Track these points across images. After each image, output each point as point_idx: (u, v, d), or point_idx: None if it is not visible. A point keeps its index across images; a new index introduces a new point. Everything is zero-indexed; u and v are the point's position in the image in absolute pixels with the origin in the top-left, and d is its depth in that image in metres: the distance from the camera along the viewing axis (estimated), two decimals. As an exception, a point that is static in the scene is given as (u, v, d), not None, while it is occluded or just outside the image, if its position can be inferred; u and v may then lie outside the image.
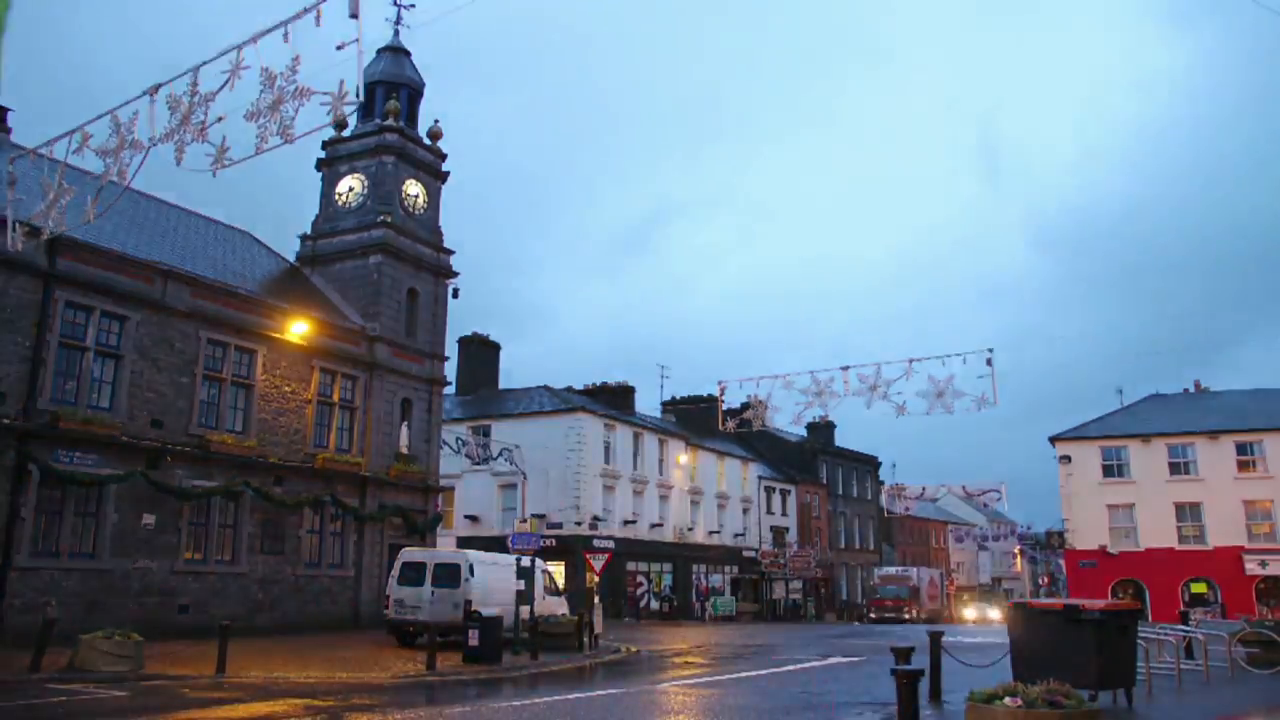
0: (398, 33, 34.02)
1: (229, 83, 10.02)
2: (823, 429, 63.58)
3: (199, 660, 16.51)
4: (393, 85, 33.28)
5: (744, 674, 18.40)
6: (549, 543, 36.35)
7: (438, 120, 33.80)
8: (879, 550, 69.99)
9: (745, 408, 25.41)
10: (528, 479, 38.91)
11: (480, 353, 49.52)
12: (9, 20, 3.19)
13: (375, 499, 28.68)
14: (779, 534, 57.40)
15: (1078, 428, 45.52)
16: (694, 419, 52.89)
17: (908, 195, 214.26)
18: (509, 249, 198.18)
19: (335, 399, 28.04)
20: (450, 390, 39.36)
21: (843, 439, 68.28)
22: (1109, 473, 43.53)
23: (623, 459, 44.90)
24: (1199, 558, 40.99)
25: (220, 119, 10.37)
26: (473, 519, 42.37)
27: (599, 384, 48.93)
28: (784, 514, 58.86)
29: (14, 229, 13.65)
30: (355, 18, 8.97)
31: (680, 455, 49.17)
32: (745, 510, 55.12)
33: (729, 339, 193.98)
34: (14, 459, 19.65)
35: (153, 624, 20.31)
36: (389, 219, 30.85)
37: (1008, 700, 8.76)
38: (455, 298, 33.02)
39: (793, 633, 37.00)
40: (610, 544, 38.51)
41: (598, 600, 26.35)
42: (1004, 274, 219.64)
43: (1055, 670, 10.12)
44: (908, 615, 51.88)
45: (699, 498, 50.51)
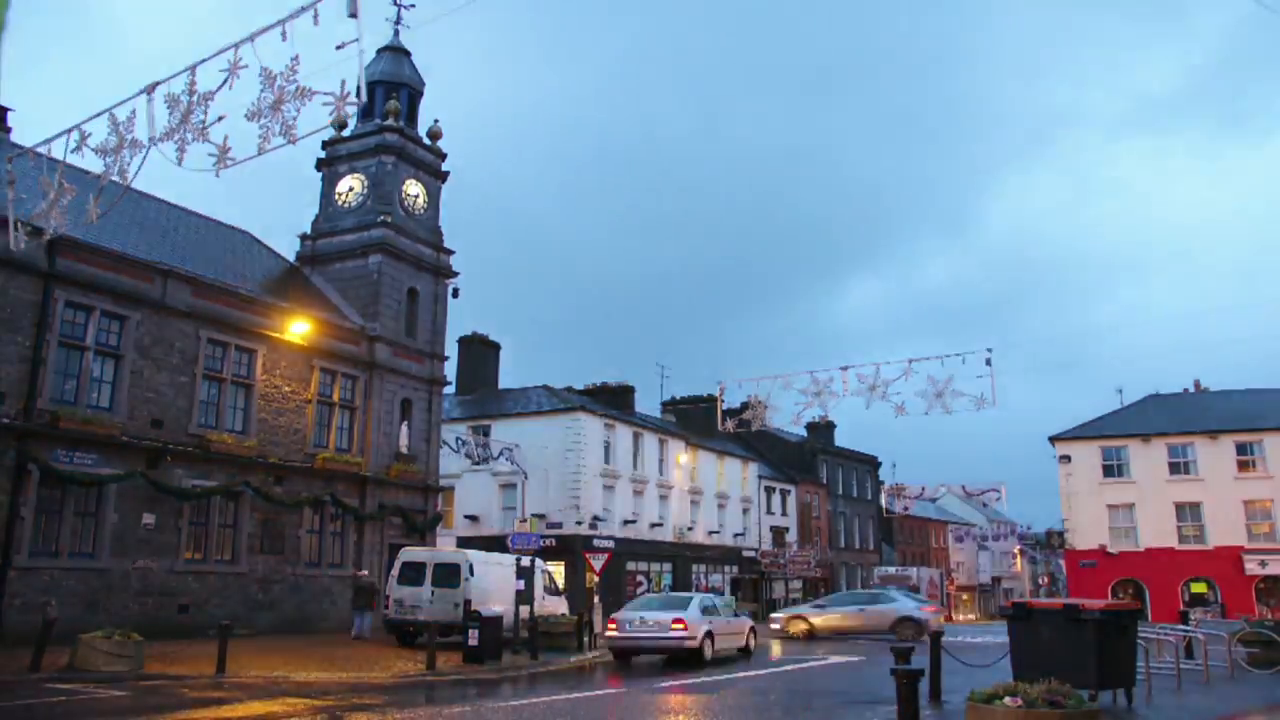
0: (397, 33, 34.03)
1: (228, 82, 10.00)
2: (822, 429, 63.57)
3: (199, 660, 16.52)
4: (393, 85, 33.29)
5: (744, 674, 18.40)
6: (549, 542, 36.33)
7: (437, 120, 33.89)
8: (879, 550, 69.95)
9: (745, 408, 25.43)
10: (528, 479, 38.89)
11: (480, 353, 49.51)
12: (8, 19, 3.18)
13: (375, 499, 28.68)
14: (779, 534, 57.38)
15: (1078, 428, 45.53)
16: (694, 419, 52.92)
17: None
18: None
19: (335, 399, 28.03)
20: (450, 390, 39.37)
21: (842, 439, 68.32)
22: (1109, 473, 43.55)
23: (622, 459, 44.88)
24: (1199, 558, 41.01)
25: (221, 118, 10.36)
26: (473, 519, 42.33)
27: (599, 384, 48.92)
28: (784, 514, 58.84)
29: (16, 229, 13.63)
30: (355, 17, 8.95)
31: (680, 455, 49.14)
32: (745, 510, 55.09)
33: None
34: (14, 459, 19.63)
35: (152, 624, 20.29)
36: (389, 219, 30.87)
37: (1008, 700, 8.77)
38: (455, 297, 33.05)
39: (793, 633, 36.94)
40: (610, 544, 38.46)
41: (598, 600, 26.37)
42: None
43: (1055, 670, 10.13)
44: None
45: (699, 498, 50.48)
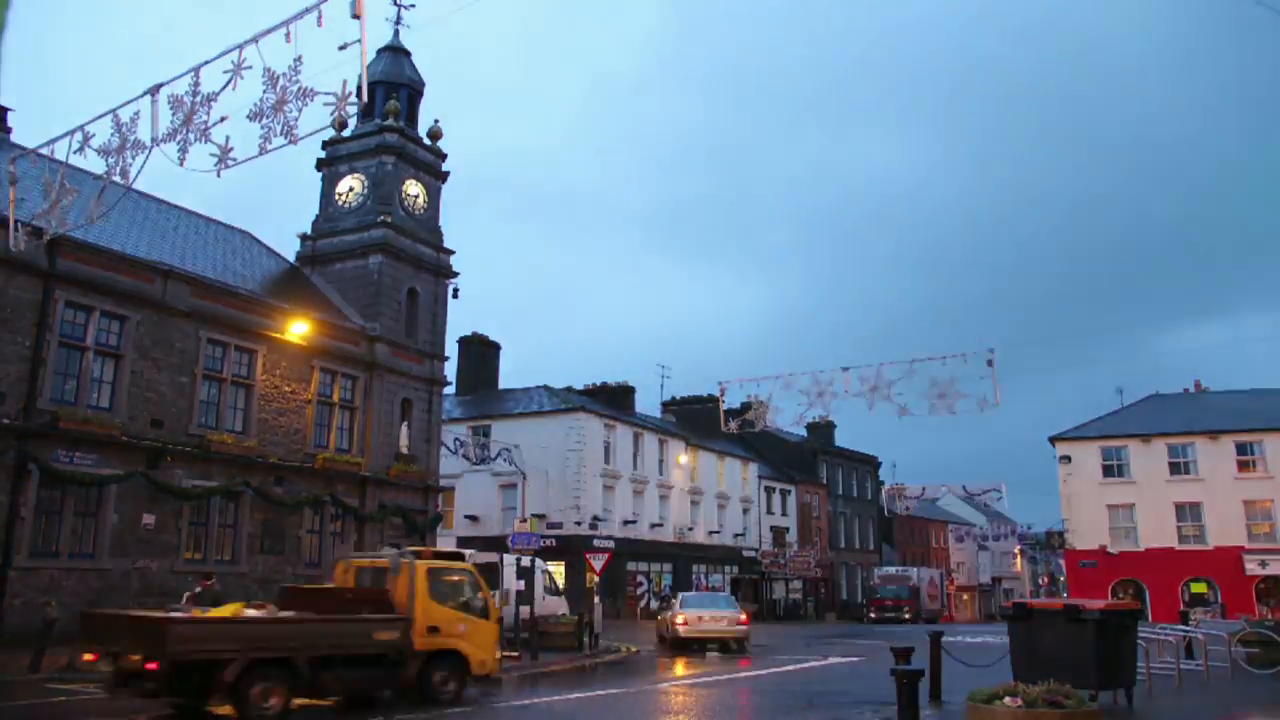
0: (398, 33, 34.04)
1: (232, 82, 10.00)
2: (823, 429, 63.49)
3: (199, 660, 16.46)
4: (393, 85, 33.28)
5: (744, 674, 18.41)
6: (549, 543, 36.35)
7: (438, 120, 33.86)
8: (879, 550, 69.96)
9: (746, 408, 25.42)
10: (528, 479, 38.92)
11: (480, 353, 49.55)
12: (9, 19, 3.19)
13: (375, 499, 28.67)
14: (779, 534, 57.40)
15: (1078, 428, 45.52)
16: (694, 419, 52.91)
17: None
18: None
19: (335, 399, 28.03)
20: (450, 390, 39.35)
21: (843, 439, 68.32)
22: (1109, 473, 43.54)
23: (623, 459, 44.90)
24: (1199, 558, 41.00)
25: (223, 119, 10.35)
26: (473, 519, 42.35)
27: (599, 384, 48.94)
28: (784, 514, 58.86)
29: (17, 229, 13.62)
30: (358, 18, 8.95)
31: (680, 455, 49.16)
32: (745, 510, 55.11)
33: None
34: (14, 459, 19.61)
35: (153, 624, 20.27)
36: (389, 219, 30.86)
37: (1008, 700, 8.79)
38: (455, 297, 33.04)
39: (793, 633, 37.04)
40: (610, 544, 38.48)
41: (598, 600, 26.36)
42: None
43: (1055, 670, 10.15)
44: (908, 615, 51.90)
45: (699, 498, 50.50)
